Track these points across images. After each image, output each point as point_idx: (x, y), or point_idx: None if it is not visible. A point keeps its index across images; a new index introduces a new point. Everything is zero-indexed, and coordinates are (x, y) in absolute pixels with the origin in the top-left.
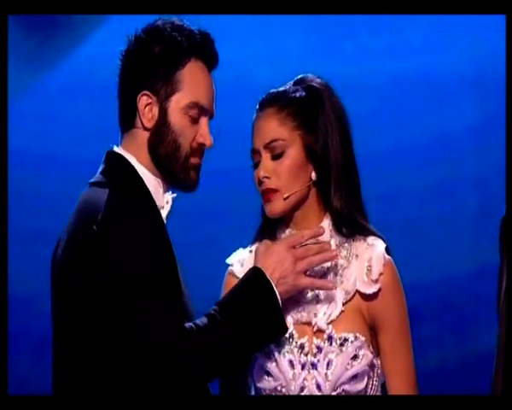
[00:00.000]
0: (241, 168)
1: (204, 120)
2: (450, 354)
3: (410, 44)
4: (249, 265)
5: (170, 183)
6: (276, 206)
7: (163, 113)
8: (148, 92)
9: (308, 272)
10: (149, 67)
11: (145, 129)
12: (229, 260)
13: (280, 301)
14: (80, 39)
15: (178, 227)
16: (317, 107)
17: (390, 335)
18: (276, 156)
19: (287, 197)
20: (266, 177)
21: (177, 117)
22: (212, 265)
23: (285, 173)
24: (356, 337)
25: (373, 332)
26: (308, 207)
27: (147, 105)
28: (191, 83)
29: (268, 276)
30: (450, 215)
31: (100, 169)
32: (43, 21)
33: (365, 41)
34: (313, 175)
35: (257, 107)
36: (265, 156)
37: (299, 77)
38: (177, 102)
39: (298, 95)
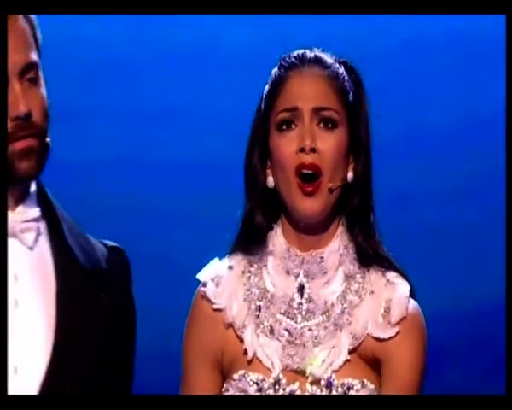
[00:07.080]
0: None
1: (12, 85)
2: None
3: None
4: (227, 285)
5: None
6: (320, 201)
7: None
8: None
9: (306, 308)
10: None
11: None
12: (201, 277)
13: None
14: None
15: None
16: (360, 94)
17: (394, 388)
18: (326, 128)
19: (331, 189)
20: (313, 149)
21: None
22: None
23: (334, 154)
24: (363, 384)
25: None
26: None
27: None
28: None
29: None
30: (484, 223)
31: None
32: None
33: None
34: (349, 175)
35: (291, 60)
36: (311, 123)
37: (321, 52)
38: None
39: (341, 71)
